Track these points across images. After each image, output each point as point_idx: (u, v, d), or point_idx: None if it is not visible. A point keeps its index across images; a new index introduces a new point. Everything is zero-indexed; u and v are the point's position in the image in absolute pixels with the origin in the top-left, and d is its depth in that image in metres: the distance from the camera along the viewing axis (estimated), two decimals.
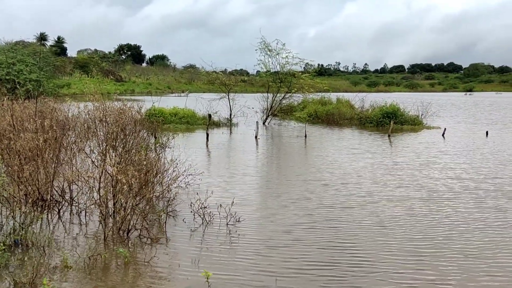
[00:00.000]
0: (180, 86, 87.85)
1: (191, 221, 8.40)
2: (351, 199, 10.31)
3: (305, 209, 9.40)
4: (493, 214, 9.17)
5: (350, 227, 8.36)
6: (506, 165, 14.56)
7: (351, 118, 29.45)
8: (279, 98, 30.72)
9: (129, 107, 10.80)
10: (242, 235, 7.78)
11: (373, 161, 15.11)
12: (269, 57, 30.30)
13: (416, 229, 8.21)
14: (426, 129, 25.98)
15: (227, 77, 30.97)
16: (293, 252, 7.08)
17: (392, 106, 28.42)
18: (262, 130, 25.09)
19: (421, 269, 6.48)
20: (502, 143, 20.05)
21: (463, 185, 11.69)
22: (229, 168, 14.13)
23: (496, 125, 28.82)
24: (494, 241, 7.59)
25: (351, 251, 7.13)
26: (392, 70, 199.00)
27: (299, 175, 12.95)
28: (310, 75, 30.66)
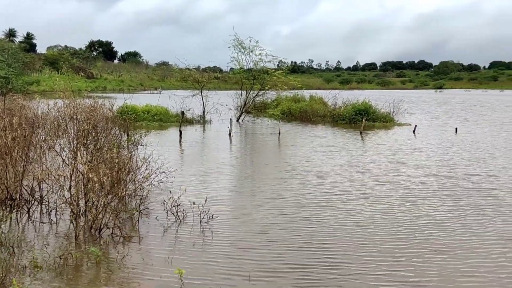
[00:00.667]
0: (153, 83, 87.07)
1: (164, 219, 8.35)
2: (328, 198, 10.20)
3: (281, 208, 9.29)
4: (469, 212, 9.15)
5: (327, 227, 8.25)
6: (479, 162, 14.74)
7: (324, 115, 29.69)
8: (252, 95, 30.74)
9: (101, 104, 10.65)
10: (216, 233, 7.76)
11: (349, 158, 15.15)
12: (242, 54, 30.30)
13: (394, 228, 8.16)
14: (398, 126, 26.38)
15: (200, 74, 30.85)
16: (267, 252, 6.99)
17: (364, 104, 28.75)
18: (235, 127, 25.07)
19: (398, 270, 6.38)
20: (472, 140, 20.47)
21: (439, 183, 11.70)
22: (203, 165, 14.08)
23: (466, 122, 29.43)
24: (471, 240, 7.56)
25: (328, 252, 7.02)
26: (365, 68, 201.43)
27: (274, 173, 12.86)
28: (283, 73, 30.73)
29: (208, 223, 8.18)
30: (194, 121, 27.59)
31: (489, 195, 10.44)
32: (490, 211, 9.23)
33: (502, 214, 9.02)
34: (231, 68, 35.35)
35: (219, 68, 59.83)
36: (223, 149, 17.69)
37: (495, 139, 20.58)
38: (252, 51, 29.83)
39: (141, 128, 21.28)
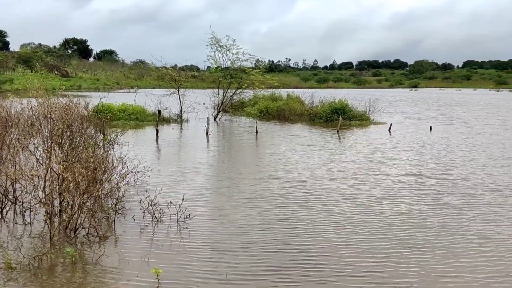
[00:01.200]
0: (129, 82, 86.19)
1: (140, 218, 8.31)
2: (307, 198, 10.10)
3: (259, 209, 9.19)
4: (449, 211, 9.13)
5: (307, 227, 8.13)
6: (457, 160, 14.85)
7: (301, 114, 29.84)
8: (230, 94, 30.72)
9: (75, 103, 10.50)
10: (193, 233, 7.75)
11: (327, 158, 15.14)
12: (219, 53, 30.25)
13: (374, 228, 8.09)
14: (373, 125, 26.67)
15: (177, 73, 30.65)
16: (245, 253, 6.93)
17: (341, 102, 29.01)
18: (213, 126, 25.06)
19: (379, 270, 6.31)
20: (448, 138, 20.78)
21: (418, 181, 11.72)
22: (180, 165, 14.03)
23: (442, 120, 29.83)
24: (452, 240, 7.54)
25: (307, 254, 6.91)
26: (341, 67, 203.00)
27: (253, 173, 12.70)
28: (260, 71, 30.78)
29: (185, 223, 8.17)
30: (171, 120, 27.45)
31: (467, 194, 10.46)
32: (469, 210, 9.24)
33: (482, 213, 9.03)
34: (208, 66, 35.26)
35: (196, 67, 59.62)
36: (201, 148, 17.64)
37: (470, 138, 20.84)
38: (229, 49, 29.85)
39: (117, 127, 21.09)
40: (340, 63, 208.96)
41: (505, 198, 10.19)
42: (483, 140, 19.90)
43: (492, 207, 9.46)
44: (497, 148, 17.74)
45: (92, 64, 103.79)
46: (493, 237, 7.73)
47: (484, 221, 8.54)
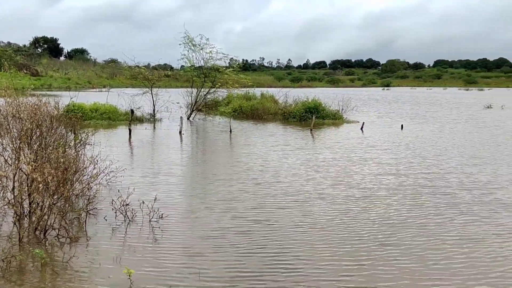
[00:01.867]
0: (101, 81, 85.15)
1: (112, 219, 8.22)
2: (284, 199, 9.90)
3: (234, 210, 8.98)
4: (428, 211, 9.04)
5: (284, 229, 7.94)
6: (432, 159, 14.88)
7: (275, 113, 29.96)
8: (203, 93, 30.61)
9: (45, 102, 10.33)
10: (166, 233, 7.70)
11: (303, 157, 15.04)
12: (193, 52, 30.13)
13: (353, 230, 7.94)
14: (346, 123, 26.92)
15: (150, 72, 30.39)
16: (219, 256, 6.79)
17: (314, 101, 29.22)
18: (186, 125, 24.94)
19: (358, 273, 6.18)
20: (423, 137, 21.10)
21: (396, 181, 11.64)
22: (153, 165, 13.92)
23: (415, 119, 30.28)
24: (432, 241, 7.43)
25: (284, 257, 6.72)
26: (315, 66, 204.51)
27: (228, 173, 12.55)
28: (234, 71, 30.76)
29: (158, 223, 8.11)
30: (144, 120, 27.24)
31: (445, 194, 10.42)
32: (448, 209, 9.18)
33: (461, 213, 8.98)
34: (182, 65, 35.04)
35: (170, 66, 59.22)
36: (174, 148, 17.53)
37: (444, 136, 21.06)
38: (202, 48, 29.75)
39: (89, 127, 20.82)
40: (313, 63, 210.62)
41: (482, 197, 10.17)
42: (456, 139, 20.11)
43: (470, 206, 9.43)
44: (471, 147, 17.91)
45: (63, 63, 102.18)
46: (472, 237, 7.66)
47: (463, 222, 8.45)
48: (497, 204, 9.65)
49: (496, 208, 9.33)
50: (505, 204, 9.65)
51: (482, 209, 9.24)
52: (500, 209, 9.29)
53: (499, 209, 9.29)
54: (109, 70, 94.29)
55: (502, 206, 9.46)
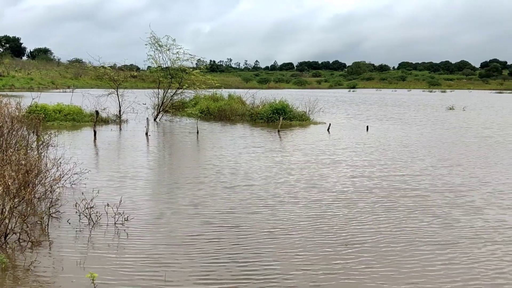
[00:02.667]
0: (66, 81, 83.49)
1: (76, 222, 8.07)
2: (256, 203, 9.63)
3: (203, 215, 8.70)
4: (401, 215, 8.93)
5: (256, 236, 7.67)
6: (402, 161, 14.89)
7: (242, 114, 30.01)
8: (170, 94, 30.37)
9: (6, 103, 10.07)
10: (131, 235, 7.60)
11: (273, 159, 14.84)
12: (159, 52, 29.81)
13: (327, 235, 7.75)
14: (313, 125, 27.17)
15: (116, 73, 29.94)
16: (186, 262, 6.58)
17: (281, 103, 29.38)
18: (153, 126, 24.69)
19: (332, 282, 6.02)
20: (393, 139, 21.44)
21: (368, 184, 11.52)
22: (119, 167, 13.69)
23: (384, 121, 30.77)
24: (406, 246, 7.30)
25: (256, 265, 6.46)
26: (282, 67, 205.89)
27: (196, 176, 12.23)
28: (201, 71, 30.64)
29: (123, 225, 8.00)
30: (110, 121, 26.82)
31: (418, 196, 10.36)
32: (421, 212, 9.10)
33: (434, 216, 8.89)
34: (148, 66, 34.67)
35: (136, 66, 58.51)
36: (140, 149, 17.31)
37: (413, 138, 21.27)
38: (169, 49, 29.46)
39: (52, 128, 20.41)
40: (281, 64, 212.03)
41: (455, 199, 10.14)
42: (424, 141, 20.29)
43: (444, 209, 9.39)
44: (439, 148, 18.07)
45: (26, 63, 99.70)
46: (445, 239, 7.64)
47: (436, 225, 8.36)
48: (471, 206, 9.61)
49: (470, 211, 9.28)
50: (478, 207, 9.59)
51: (456, 212, 9.17)
52: (473, 211, 9.25)
53: (472, 212, 9.24)
54: (74, 70, 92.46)
55: (476, 209, 9.40)
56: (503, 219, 8.79)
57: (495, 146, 18.69)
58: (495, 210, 9.39)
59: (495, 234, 7.97)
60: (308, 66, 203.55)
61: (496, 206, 9.72)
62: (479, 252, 7.14)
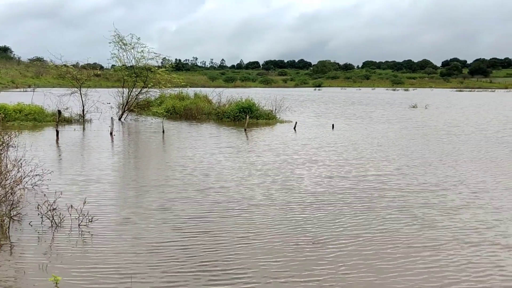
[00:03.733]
0: (26, 80, 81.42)
1: (38, 224, 7.86)
2: (228, 206, 9.26)
3: (173, 220, 8.30)
4: (380, 214, 8.81)
5: (228, 242, 7.29)
6: (369, 159, 15.06)
7: (209, 113, 29.92)
8: (135, 93, 29.97)
9: None
10: (96, 237, 7.44)
11: (246, 159, 14.63)
12: (124, 51, 29.35)
13: (302, 240, 7.40)
14: (280, 123, 27.27)
15: (79, 71, 29.34)
16: (153, 270, 6.56)
17: (248, 101, 29.40)
18: (118, 126, 24.30)
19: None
20: (360, 137, 21.70)
21: (343, 184, 11.29)
22: (83, 167, 13.41)
23: (353, 119, 31.16)
24: (383, 249, 7.09)
25: (229, 274, 6.14)
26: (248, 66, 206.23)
27: (165, 177, 11.82)
28: (167, 70, 30.33)
29: (87, 227, 7.84)
30: (73, 121, 26.32)
31: (394, 197, 10.16)
32: (399, 213, 8.95)
33: (411, 216, 8.73)
34: (112, 65, 34.12)
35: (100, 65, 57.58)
36: (105, 149, 17.00)
37: (384, 137, 21.37)
38: (133, 48, 29.06)
39: (13, 128, 19.82)
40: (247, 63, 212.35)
41: (432, 199, 10.01)
42: (394, 139, 20.26)
43: (421, 209, 9.22)
44: (409, 147, 18.05)
45: None
46: (426, 242, 7.42)
47: (417, 226, 8.20)
48: (448, 206, 9.51)
49: (448, 211, 9.16)
50: (455, 206, 9.51)
51: (433, 213, 9.03)
52: (453, 211, 9.14)
53: (451, 212, 9.13)
54: (35, 69, 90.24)
55: (453, 209, 9.34)
56: (481, 219, 8.66)
57: (466, 144, 19.12)
58: (472, 210, 9.27)
59: (474, 235, 7.85)
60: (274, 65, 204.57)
61: (474, 205, 9.60)
62: (455, 254, 7.01)
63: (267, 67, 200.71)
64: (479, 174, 12.89)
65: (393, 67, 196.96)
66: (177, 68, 45.79)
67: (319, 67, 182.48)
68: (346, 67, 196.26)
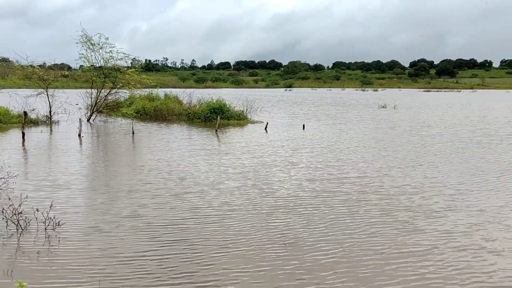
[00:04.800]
0: None
1: (3, 228, 7.64)
2: (204, 213, 8.82)
3: (145, 228, 7.84)
4: (347, 220, 8.44)
5: (206, 253, 6.82)
6: (345, 161, 15.09)
7: (179, 114, 29.70)
8: (104, 94, 29.53)
9: None
10: (63, 241, 7.27)
11: (221, 162, 14.28)
12: (92, 51, 28.88)
13: (280, 248, 7.05)
14: (251, 124, 27.24)
15: (46, 72, 28.72)
16: (125, 277, 6.29)
17: (219, 102, 29.29)
18: (86, 127, 23.90)
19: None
20: (335, 138, 21.79)
21: (316, 187, 11.03)
22: (50, 170, 13.08)
23: (327, 120, 31.17)
24: (362, 255, 6.80)
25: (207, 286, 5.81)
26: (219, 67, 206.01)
27: (137, 181, 11.38)
28: (136, 71, 29.98)
29: (54, 230, 7.65)
30: (40, 122, 25.77)
31: (372, 200, 9.91)
32: (380, 217, 8.69)
33: (387, 222, 8.41)
34: (81, 65, 33.54)
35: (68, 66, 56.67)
36: (73, 152, 16.65)
37: (360, 138, 21.40)
38: (101, 48, 28.62)
39: None
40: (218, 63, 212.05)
41: (409, 203, 9.72)
42: (367, 140, 20.12)
43: (400, 214, 8.92)
44: (384, 148, 17.87)
45: None
46: (410, 249, 7.12)
47: (396, 231, 7.93)
48: (430, 209, 9.25)
49: (430, 214, 8.94)
50: (437, 209, 9.30)
51: (414, 216, 8.77)
52: (435, 214, 8.91)
53: (433, 215, 8.86)
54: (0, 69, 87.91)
55: (435, 211, 9.09)
56: (465, 222, 8.55)
57: (440, 144, 19.34)
58: (455, 212, 9.09)
59: (463, 238, 7.83)
60: (245, 66, 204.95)
61: (456, 208, 9.42)
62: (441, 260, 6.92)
63: (238, 67, 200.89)
64: (458, 175, 12.64)
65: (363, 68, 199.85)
66: (147, 69, 45.38)
67: (289, 68, 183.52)
68: (316, 68, 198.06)
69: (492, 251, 7.15)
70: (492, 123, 28.68)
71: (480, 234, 7.92)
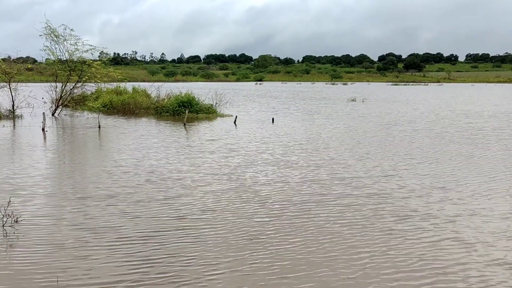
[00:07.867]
0: None
1: None
2: (179, 214, 8.26)
3: (117, 232, 7.27)
4: (343, 224, 7.81)
5: (181, 260, 6.28)
6: (329, 158, 15.05)
7: (147, 108, 29.35)
8: (69, 88, 28.88)
9: None
10: (21, 240, 7.05)
11: (195, 159, 13.74)
12: (56, 43, 28.18)
13: (258, 253, 6.55)
14: (220, 117, 27.10)
15: (8, 65, 27.92)
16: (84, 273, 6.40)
17: (187, 95, 29.04)
18: (51, 121, 23.35)
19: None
20: (308, 133, 21.81)
21: (295, 185, 10.53)
22: (12, 165, 12.70)
23: (302, 115, 31.32)
24: (347, 260, 6.28)
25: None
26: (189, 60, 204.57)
27: (103, 182, 10.66)
28: (103, 64, 29.41)
29: (12, 227, 7.40)
30: (2, 116, 25.10)
31: (366, 203, 9.15)
32: (366, 220, 8.08)
33: (366, 226, 7.79)
34: (46, 58, 32.65)
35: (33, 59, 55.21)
36: (37, 146, 16.21)
37: (337, 133, 21.30)
38: (66, 40, 27.93)
39: None
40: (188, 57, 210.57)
41: (396, 206, 9.02)
42: (341, 135, 19.82)
43: (385, 218, 8.18)
44: (360, 143, 17.70)
45: None
46: (396, 255, 6.52)
47: (381, 234, 7.42)
48: (418, 215, 8.45)
49: (420, 220, 8.25)
50: (425, 214, 8.63)
51: (400, 220, 8.18)
52: (429, 220, 8.11)
53: (424, 221, 8.07)
54: None
55: (427, 218, 8.29)
56: (452, 219, 8.46)
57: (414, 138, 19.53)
58: (439, 210, 8.81)
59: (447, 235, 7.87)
60: (215, 59, 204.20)
61: (441, 204, 9.16)
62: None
63: (208, 61, 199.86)
64: (438, 171, 12.29)
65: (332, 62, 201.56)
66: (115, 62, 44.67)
67: (260, 62, 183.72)
68: (286, 62, 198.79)
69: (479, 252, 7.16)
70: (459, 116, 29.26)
71: (467, 233, 7.81)
